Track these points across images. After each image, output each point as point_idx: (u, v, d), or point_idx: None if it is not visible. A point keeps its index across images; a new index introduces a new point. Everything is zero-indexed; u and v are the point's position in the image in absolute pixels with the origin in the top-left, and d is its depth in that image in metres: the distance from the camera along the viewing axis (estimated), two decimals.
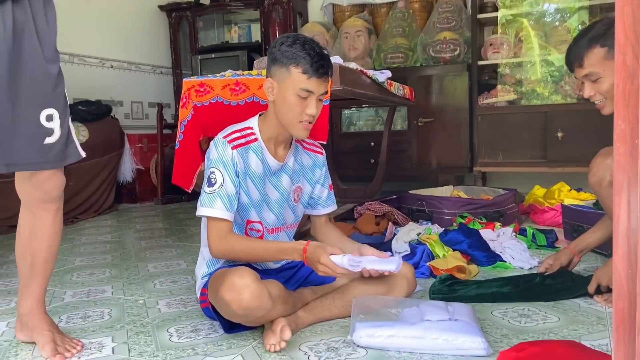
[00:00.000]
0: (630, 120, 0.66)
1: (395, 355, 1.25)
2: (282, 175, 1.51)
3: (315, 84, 1.37)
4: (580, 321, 1.45)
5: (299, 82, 1.36)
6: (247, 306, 1.25)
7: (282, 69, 1.38)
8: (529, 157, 3.57)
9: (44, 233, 1.34)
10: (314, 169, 1.60)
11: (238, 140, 1.43)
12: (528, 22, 3.64)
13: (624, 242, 0.67)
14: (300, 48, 1.36)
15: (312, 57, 1.35)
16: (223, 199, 1.37)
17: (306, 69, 1.36)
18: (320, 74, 1.37)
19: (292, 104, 1.38)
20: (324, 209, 1.63)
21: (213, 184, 1.38)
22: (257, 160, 1.45)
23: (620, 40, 0.66)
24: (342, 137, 4.17)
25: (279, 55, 1.39)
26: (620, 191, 0.67)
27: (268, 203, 1.49)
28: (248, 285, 1.25)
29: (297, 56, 1.36)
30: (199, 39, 4.89)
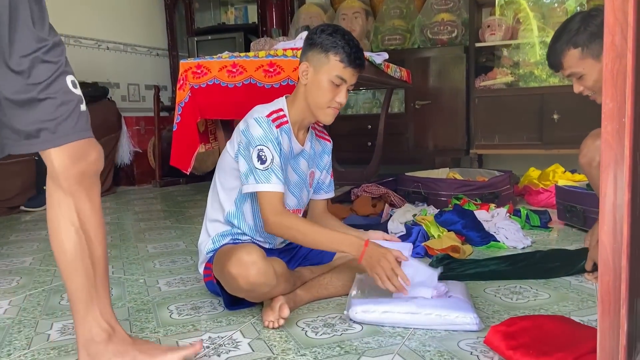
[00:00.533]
0: (617, 99, 0.68)
1: (389, 331, 1.28)
2: (300, 159, 1.55)
3: (349, 74, 1.44)
4: (571, 298, 1.48)
5: (336, 69, 1.43)
6: (253, 282, 1.29)
7: (321, 55, 1.44)
8: (524, 139, 3.59)
9: (96, 219, 1.06)
10: (323, 155, 1.66)
11: (278, 120, 1.47)
12: (527, 3, 3.63)
13: (610, 217, 0.70)
14: (341, 38, 1.43)
15: (352, 48, 1.43)
16: (277, 174, 1.41)
17: (344, 58, 1.42)
18: (356, 65, 1.44)
19: (325, 89, 1.44)
20: (325, 194, 1.67)
21: (265, 160, 1.41)
22: (287, 141, 1.50)
23: (609, 21, 0.68)
24: (339, 120, 4.13)
25: (319, 41, 1.45)
26: (607, 168, 0.69)
27: (289, 185, 1.53)
28: (255, 262, 1.28)
29: (338, 45, 1.43)
30: (195, 20, 4.85)
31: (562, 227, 2.41)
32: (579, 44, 1.51)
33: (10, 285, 1.78)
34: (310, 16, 4.16)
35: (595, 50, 1.50)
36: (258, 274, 1.28)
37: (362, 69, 1.48)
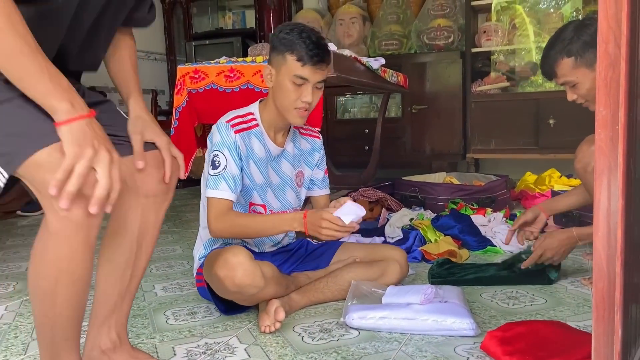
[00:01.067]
0: (611, 107, 0.69)
1: (386, 336, 1.29)
2: (281, 160, 1.55)
3: (310, 72, 1.39)
4: (567, 303, 1.49)
5: (294, 69, 1.39)
6: (239, 283, 1.28)
7: (279, 56, 1.41)
8: (521, 144, 3.60)
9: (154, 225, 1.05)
10: (313, 153, 1.63)
11: (240, 125, 1.46)
12: (523, 9, 3.65)
13: (604, 224, 0.70)
14: (297, 36, 1.38)
15: (307, 45, 1.37)
16: (227, 181, 1.40)
17: (301, 56, 1.38)
18: (315, 62, 1.38)
19: (287, 90, 1.41)
20: (320, 190, 1.66)
21: (217, 166, 1.41)
22: (260, 145, 1.49)
23: (603, 29, 0.68)
24: (337, 124, 4.19)
25: (276, 42, 1.42)
26: (601, 175, 0.70)
27: (271, 186, 1.53)
28: (241, 263, 1.28)
29: (293, 43, 1.38)
30: (193, 25, 4.86)
31: None
32: (573, 52, 1.53)
33: (7, 291, 1.78)
34: (308, 21, 4.17)
35: (589, 59, 1.51)
36: (244, 275, 1.28)
37: (324, 65, 1.42)
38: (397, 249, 1.64)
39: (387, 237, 2.23)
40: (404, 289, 1.43)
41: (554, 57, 1.56)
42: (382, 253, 1.58)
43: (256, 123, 1.49)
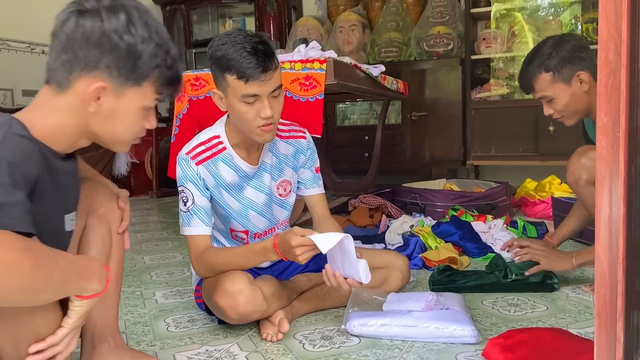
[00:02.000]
0: (612, 114, 0.69)
1: (387, 344, 1.28)
2: (262, 175, 1.43)
3: (258, 86, 1.22)
4: (568, 310, 1.48)
5: (239, 89, 1.22)
6: (242, 311, 1.27)
7: (220, 78, 1.25)
8: (520, 150, 3.61)
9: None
10: (297, 155, 1.49)
11: (203, 154, 1.35)
12: (522, 16, 3.67)
13: (606, 231, 0.70)
14: (231, 50, 1.20)
15: (244, 58, 1.19)
16: (199, 215, 1.33)
17: (241, 74, 1.20)
18: (258, 74, 1.20)
19: (241, 112, 1.25)
20: (306, 190, 1.52)
21: (185, 202, 1.34)
22: (229, 170, 1.37)
23: (603, 37, 0.69)
24: (337, 131, 4.19)
25: (212, 64, 1.26)
26: (602, 182, 0.70)
27: (254, 207, 1.43)
28: (241, 291, 1.25)
29: (228, 60, 1.20)
30: (194, 32, 4.88)
31: None
32: (550, 68, 1.55)
33: None
34: (308, 29, 4.19)
35: (566, 75, 1.54)
36: (246, 302, 1.26)
37: (271, 72, 1.22)
38: (400, 256, 1.62)
39: (387, 244, 2.23)
40: (405, 296, 1.42)
41: (532, 72, 1.58)
42: (385, 260, 1.56)
43: (223, 147, 1.36)
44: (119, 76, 0.85)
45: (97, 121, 0.87)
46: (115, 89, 0.86)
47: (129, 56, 0.84)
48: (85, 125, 0.88)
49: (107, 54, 0.83)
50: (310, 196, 1.54)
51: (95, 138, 0.91)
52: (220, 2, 4.83)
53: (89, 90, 0.84)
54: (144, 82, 0.87)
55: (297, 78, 2.02)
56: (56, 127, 0.86)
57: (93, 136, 0.90)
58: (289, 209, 1.54)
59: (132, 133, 0.92)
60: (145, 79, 0.87)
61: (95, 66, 0.83)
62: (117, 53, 0.83)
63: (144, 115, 0.91)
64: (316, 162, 1.55)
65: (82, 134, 0.89)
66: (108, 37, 0.82)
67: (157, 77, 0.88)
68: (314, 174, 1.54)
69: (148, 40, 0.84)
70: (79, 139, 0.90)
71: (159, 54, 0.86)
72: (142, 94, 0.88)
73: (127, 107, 0.87)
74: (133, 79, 0.86)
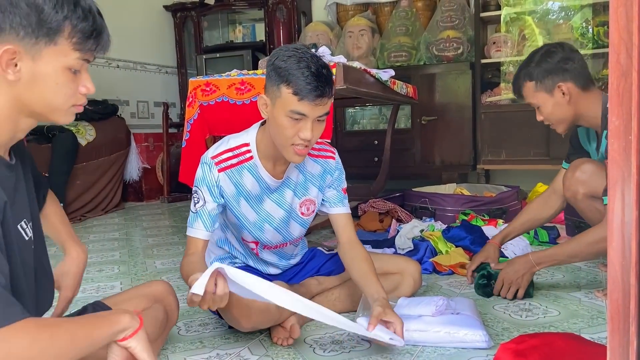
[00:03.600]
0: (623, 117, 0.68)
1: (398, 348, 1.28)
2: (284, 190, 1.40)
3: (308, 107, 1.20)
4: (581, 315, 1.47)
5: (290, 103, 1.21)
6: (255, 320, 1.28)
7: (274, 87, 1.23)
8: (532, 154, 3.58)
9: None
10: (324, 176, 1.45)
11: (229, 160, 1.33)
12: (532, 19, 3.65)
13: (619, 235, 0.70)
14: (295, 65, 1.19)
15: (306, 77, 1.18)
16: (203, 219, 1.32)
17: (298, 90, 1.19)
18: (314, 97, 1.19)
19: (283, 126, 1.23)
20: (331, 208, 1.47)
21: (195, 203, 1.33)
22: (252, 180, 1.35)
23: (614, 40, 0.69)
24: (346, 135, 4.20)
25: (271, 70, 1.24)
26: (614, 185, 0.70)
27: (271, 222, 1.41)
28: (254, 301, 1.25)
29: (289, 74, 1.19)
30: (204, 38, 4.92)
31: None
32: (534, 77, 1.61)
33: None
34: (317, 34, 4.21)
35: (548, 86, 1.59)
36: (259, 312, 1.27)
37: (325, 99, 1.22)
38: (412, 261, 1.61)
39: (397, 249, 2.23)
40: (416, 300, 1.42)
41: (520, 79, 1.65)
42: (397, 265, 1.55)
43: (250, 156, 1.34)
44: (26, 35, 0.81)
45: (24, 89, 0.83)
46: (29, 50, 0.82)
47: (30, 12, 0.80)
48: (17, 100, 0.84)
49: (7, 14, 0.80)
50: (335, 215, 1.46)
51: (32, 113, 0.87)
52: (231, 9, 4.87)
53: (0, 56, 0.81)
54: (58, 39, 0.83)
55: None
56: None
57: (28, 110, 0.86)
58: (306, 228, 1.51)
59: (63, 98, 0.87)
60: (57, 34, 0.83)
61: (1, 29, 0.81)
62: (17, 11, 0.80)
63: (72, 78, 0.87)
64: (343, 183, 1.50)
65: (18, 112, 0.86)
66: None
67: (70, 30, 0.83)
68: (341, 194, 1.49)
69: None
70: (19, 119, 0.87)
71: (64, 5, 0.82)
72: (60, 52, 0.84)
73: (48, 68, 0.84)
74: (43, 35, 0.82)
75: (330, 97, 1.24)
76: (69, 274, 1.11)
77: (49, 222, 1.12)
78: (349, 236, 1.44)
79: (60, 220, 1.15)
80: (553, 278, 1.84)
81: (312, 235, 2.66)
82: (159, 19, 4.95)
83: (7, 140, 0.87)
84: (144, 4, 4.75)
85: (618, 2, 0.67)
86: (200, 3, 4.91)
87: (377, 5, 4.29)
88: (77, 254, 1.13)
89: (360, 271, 1.36)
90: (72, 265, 1.12)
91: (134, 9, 4.61)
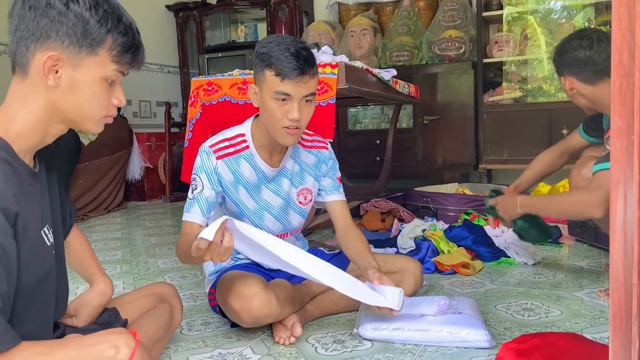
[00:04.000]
0: (626, 116, 0.68)
1: (400, 348, 1.28)
2: (281, 179, 1.46)
3: (292, 86, 1.27)
4: (583, 315, 1.47)
5: (274, 85, 1.28)
6: (256, 315, 1.28)
7: (259, 73, 1.31)
8: (534, 154, 3.54)
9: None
10: (319, 165, 1.53)
11: (226, 149, 1.38)
12: (534, 19, 3.65)
13: (621, 234, 0.70)
14: (276, 48, 1.26)
15: (286, 57, 1.25)
16: (200, 204, 1.35)
17: (279, 71, 1.26)
18: (295, 75, 1.25)
19: (271, 109, 1.30)
20: (327, 196, 1.54)
21: (193, 190, 1.36)
22: (250, 168, 1.40)
23: (616, 40, 0.69)
24: (348, 135, 4.20)
25: (255, 58, 1.32)
26: (617, 185, 0.70)
27: (270, 210, 1.46)
28: (256, 295, 1.27)
29: (270, 57, 1.27)
30: (206, 38, 4.92)
31: (572, 243, 2.39)
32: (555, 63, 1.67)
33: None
34: (319, 34, 4.21)
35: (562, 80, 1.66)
36: (260, 306, 1.27)
37: (308, 77, 1.27)
38: (412, 260, 1.61)
39: (399, 248, 2.23)
40: (418, 300, 1.42)
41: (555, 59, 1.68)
42: (398, 264, 1.56)
43: (246, 145, 1.40)
44: (71, 44, 0.84)
45: (60, 96, 0.86)
46: (71, 59, 0.85)
47: (77, 23, 0.84)
48: (53, 106, 0.87)
49: (55, 22, 0.83)
50: (331, 203, 1.54)
51: (65, 119, 0.89)
52: (233, 8, 4.87)
53: (43, 62, 0.84)
54: (99, 50, 0.86)
55: None
56: (28, 117, 0.86)
57: (62, 116, 0.89)
58: (305, 218, 1.56)
59: (97, 107, 0.89)
60: (99, 45, 0.86)
61: (47, 36, 0.83)
62: (65, 21, 0.83)
63: (107, 88, 0.90)
64: (337, 172, 1.57)
65: (51, 117, 0.88)
66: (53, 6, 0.83)
67: (111, 44, 0.87)
68: (336, 182, 1.55)
69: (95, 6, 0.85)
70: (51, 124, 0.89)
71: (109, 19, 0.86)
72: (100, 63, 0.87)
73: (86, 77, 0.87)
74: (86, 46, 0.85)
75: (312, 76, 1.29)
76: (89, 305, 1.09)
77: (76, 256, 1.12)
78: (345, 222, 1.52)
79: (90, 253, 1.15)
80: (555, 278, 1.84)
81: (313, 235, 2.66)
82: (161, 19, 4.96)
83: (35, 144, 0.89)
84: (147, 3, 4.76)
85: (620, 1, 0.67)
86: (202, 3, 4.91)
87: (379, 4, 4.29)
88: (105, 286, 1.12)
89: (355, 249, 1.44)
90: (98, 298, 1.10)
91: (137, 9, 4.58)
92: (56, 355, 0.77)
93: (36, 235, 0.88)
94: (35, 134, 0.88)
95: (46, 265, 0.90)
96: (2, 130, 0.84)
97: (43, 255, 0.89)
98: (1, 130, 0.84)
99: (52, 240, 0.93)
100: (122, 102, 0.93)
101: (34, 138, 0.88)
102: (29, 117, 0.86)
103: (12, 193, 0.80)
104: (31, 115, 0.86)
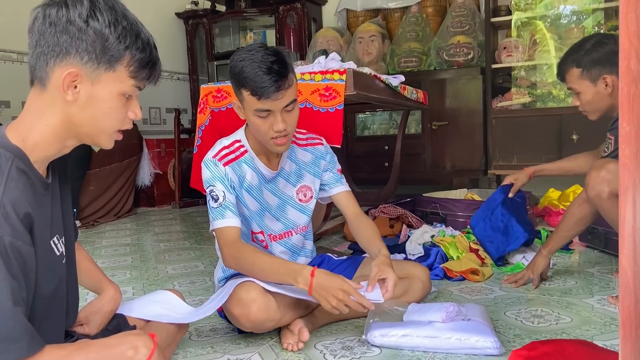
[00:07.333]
0: (635, 122, 0.68)
1: (408, 354, 1.27)
2: (278, 180, 1.50)
3: (270, 103, 1.29)
4: (593, 322, 1.46)
5: (253, 104, 1.31)
6: (254, 319, 1.29)
7: (237, 92, 1.35)
8: (543, 160, 3.55)
9: None
10: (318, 161, 1.56)
11: (228, 156, 1.42)
12: (543, 24, 3.64)
13: (630, 241, 0.69)
14: (248, 68, 1.28)
15: (259, 77, 1.26)
16: (230, 208, 1.38)
17: (255, 91, 1.28)
18: (270, 93, 1.27)
19: (256, 124, 1.34)
20: (331, 189, 1.57)
21: (217, 199, 1.38)
22: (251, 171, 1.44)
23: (624, 46, 0.68)
24: (356, 141, 4.20)
25: (231, 78, 1.35)
26: (625, 191, 0.69)
27: (270, 210, 1.50)
28: (254, 300, 1.28)
29: (244, 78, 1.29)
30: (215, 45, 4.97)
31: (583, 249, 2.37)
32: (581, 65, 1.66)
33: None
34: (328, 40, 4.23)
35: (594, 75, 1.65)
36: (258, 311, 1.28)
37: (284, 90, 1.28)
38: (420, 266, 1.61)
39: (408, 254, 2.22)
40: (426, 306, 1.41)
41: (567, 64, 1.70)
42: (405, 270, 1.56)
43: (245, 150, 1.44)
44: (89, 61, 0.85)
45: (78, 110, 0.87)
46: (89, 75, 0.86)
47: (96, 40, 0.85)
48: (69, 120, 0.88)
49: (75, 39, 0.84)
50: (337, 195, 1.57)
51: (80, 134, 0.90)
52: (242, 15, 4.91)
53: (62, 78, 0.85)
54: (118, 66, 0.87)
55: (317, 89, 2.04)
56: (45, 129, 0.87)
57: (78, 131, 0.90)
58: (309, 215, 1.58)
59: (113, 121, 0.91)
60: (117, 61, 0.87)
61: (67, 53, 0.84)
62: (85, 38, 0.84)
63: (124, 103, 0.91)
64: (337, 165, 1.60)
65: (68, 131, 0.89)
66: (73, 23, 0.84)
67: (129, 60, 0.88)
68: (337, 174, 1.58)
69: (114, 23, 0.86)
70: (67, 138, 0.90)
71: (127, 36, 0.87)
72: (118, 78, 0.88)
73: (104, 92, 0.88)
74: (105, 62, 0.86)
75: (289, 87, 1.30)
76: (100, 312, 1.11)
77: (79, 267, 1.13)
78: (355, 211, 1.55)
79: (93, 262, 1.18)
80: (566, 284, 1.83)
81: (322, 241, 2.66)
82: (171, 26, 5.01)
83: (51, 156, 0.91)
84: (156, 11, 4.81)
85: (628, 8, 0.67)
86: (212, 10, 4.96)
87: (387, 11, 4.31)
88: (115, 292, 1.14)
89: (366, 237, 1.48)
90: (109, 304, 1.12)
91: (146, 17, 4.64)
92: (77, 357, 0.80)
93: (46, 244, 0.89)
94: (52, 146, 0.89)
95: (57, 274, 0.92)
96: (20, 141, 0.85)
97: (53, 264, 0.91)
98: (19, 140, 0.85)
99: (62, 250, 0.95)
100: (138, 116, 0.94)
101: (50, 150, 0.89)
102: (46, 129, 0.87)
103: (28, 202, 0.82)
104: (48, 128, 0.87)
